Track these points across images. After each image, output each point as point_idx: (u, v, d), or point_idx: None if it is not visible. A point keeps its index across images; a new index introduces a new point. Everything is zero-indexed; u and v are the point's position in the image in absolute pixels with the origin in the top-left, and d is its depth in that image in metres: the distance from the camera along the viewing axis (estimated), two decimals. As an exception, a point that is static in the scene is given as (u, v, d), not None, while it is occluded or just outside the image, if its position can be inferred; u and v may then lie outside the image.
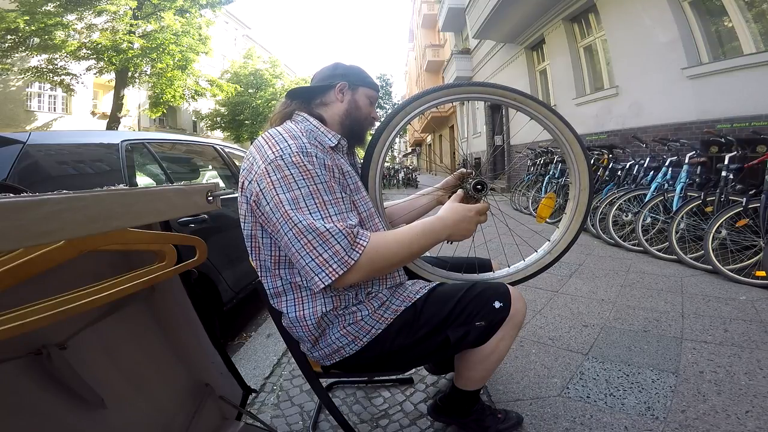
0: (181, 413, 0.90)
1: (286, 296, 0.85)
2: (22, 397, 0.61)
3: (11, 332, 0.50)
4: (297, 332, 0.86)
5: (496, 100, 1.03)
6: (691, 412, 1.17)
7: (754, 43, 3.40)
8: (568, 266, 2.75)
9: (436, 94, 0.99)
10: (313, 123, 0.89)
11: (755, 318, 1.79)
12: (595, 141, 5.05)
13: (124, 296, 0.68)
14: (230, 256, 2.02)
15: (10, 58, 9.72)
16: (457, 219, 0.86)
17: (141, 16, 10.73)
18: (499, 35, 7.95)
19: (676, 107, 4.00)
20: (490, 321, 0.86)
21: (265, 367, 1.57)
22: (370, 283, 0.87)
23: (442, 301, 0.89)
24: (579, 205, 1.07)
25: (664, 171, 3.16)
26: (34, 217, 0.30)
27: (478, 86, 1.02)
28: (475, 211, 0.88)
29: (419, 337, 0.86)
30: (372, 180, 0.98)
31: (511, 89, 1.02)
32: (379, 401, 1.32)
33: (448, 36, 14.89)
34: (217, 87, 13.54)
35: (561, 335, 1.73)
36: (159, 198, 0.42)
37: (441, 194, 1.15)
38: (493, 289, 0.90)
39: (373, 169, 0.98)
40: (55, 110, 13.34)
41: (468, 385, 0.98)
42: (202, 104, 17.37)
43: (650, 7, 4.25)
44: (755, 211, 2.28)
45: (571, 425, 1.15)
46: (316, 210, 0.73)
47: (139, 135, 1.93)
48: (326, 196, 0.75)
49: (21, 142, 1.32)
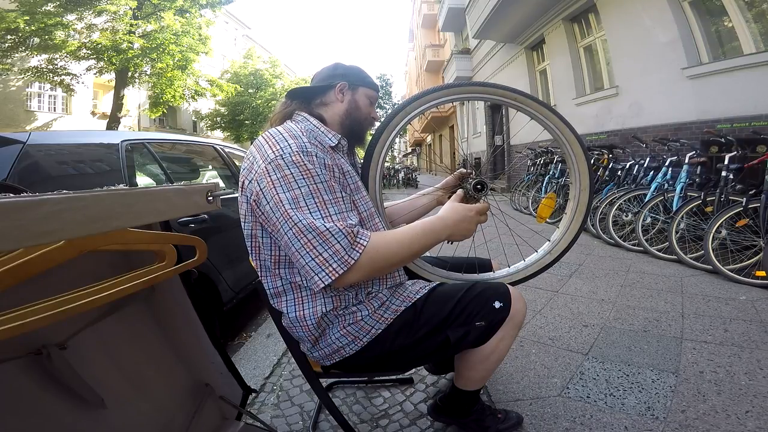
0: (181, 413, 0.90)
1: (286, 296, 0.85)
2: (22, 397, 0.61)
3: (11, 332, 0.50)
4: (297, 332, 0.86)
5: (497, 100, 1.03)
6: (691, 412, 1.17)
7: (754, 43, 3.40)
8: (568, 266, 2.75)
9: (436, 94, 0.99)
10: (314, 123, 0.89)
11: (755, 318, 1.79)
12: (595, 141, 5.05)
13: (124, 296, 0.68)
14: (230, 256, 2.02)
15: (10, 58, 9.71)
16: (457, 219, 0.85)
17: (141, 16, 10.73)
18: (499, 35, 7.95)
19: (676, 107, 4.00)
20: (490, 321, 0.86)
21: (265, 367, 1.57)
22: (370, 283, 0.87)
23: (442, 301, 0.89)
24: (579, 205, 1.07)
25: (664, 171, 3.16)
26: (34, 217, 0.30)
27: (478, 86, 1.02)
28: (476, 211, 0.88)
29: (419, 337, 0.86)
30: (372, 180, 0.98)
31: (511, 89, 1.02)
32: (379, 401, 1.32)
33: (448, 36, 14.89)
34: (217, 87, 13.54)
35: (561, 335, 1.73)
36: (159, 198, 0.42)
37: (441, 194, 1.15)
38: (493, 289, 0.90)
39: (373, 169, 0.98)
40: (55, 110, 13.33)
41: (468, 385, 0.98)
42: (202, 104, 17.37)
43: (650, 7, 4.25)
44: (755, 211, 2.28)
45: (571, 425, 1.15)
46: (316, 209, 0.73)
47: (139, 135, 1.93)
48: (326, 196, 0.75)
49: (21, 142, 1.32)
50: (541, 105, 1.03)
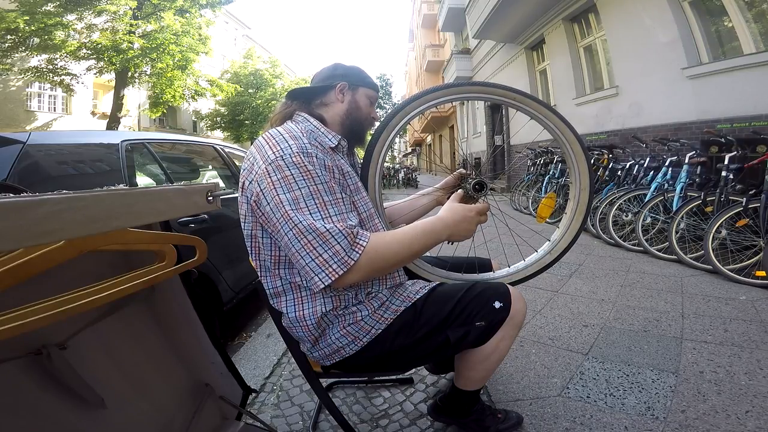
0: (181, 413, 0.90)
1: (286, 296, 0.85)
2: (22, 397, 0.61)
3: (11, 332, 0.50)
4: (297, 332, 0.86)
5: (496, 100, 1.03)
6: (691, 412, 1.17)
7: (754, 43, 3.40)
8: (568, 266, 2.75)
9: (435, 94, 0.99)
10: (314, 123, 0.90)
11: (755, 318, 1.79)
12: (595, 141, 5.05)
13: (124, 296, 0.68)
14: (230, 256, 2.02)
15: (10, 58, 9.72)
16: (457, 219, 0.85)
17: (141, 16, 10.73)
18: (499, 35, 7.96)
19: (676, 107, 4.00)
20: (490, 321, 0.86)
21: (265, 367, 1.57)
22: (370, 283, 0.87)
23: (442, 301, 0.89)
24: (579, 205, 1.07)
25: (664, 171, 3.16)
26: (34, 217, 0.30)
27: (478, 86, 1.02)
28: (476, 211, 0.87)
29: (419, 337, 0.86)
30: (372, 180, 0.98)
31: (511, 89, 1.02)
32: (379, 401, 1.32)
33: (448, 36, 14.89)
34: (217, 87, 13.54)
35: (561, 335, 1.73)
36: (159, 198, 0.42)
37: (441, 194, 1.15)
38: (493, 289, 0.90)
39: (372, 169, 0.98)
40: (55, 110, 13.33)
41: (468, 385, 0.98)
42: (202, 104, 17.37)
43: (650, 7, 4.25)
44: (755, 211, 2.28)
45: (571, 425, 1.15)
46: (317, 210, 0.73)
47: (139, 135, 1.93)
48: (326, 197, 0.75)
49: (21, 142, 1.32)
50: (541, 105, 1.03)
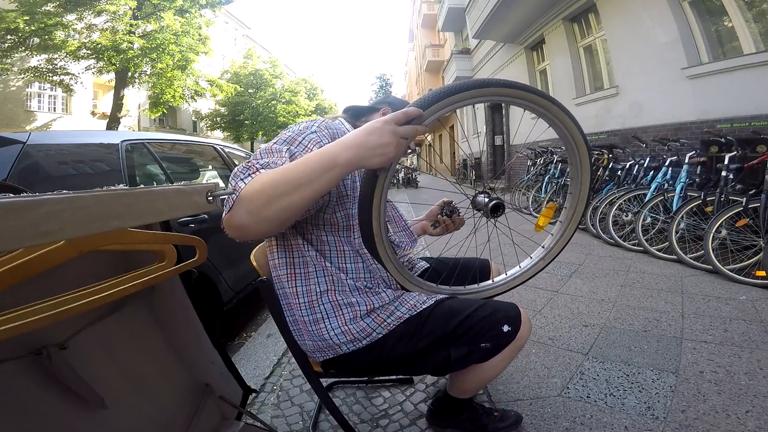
0: (181, 413, 0.90)
1: (284, 270, 0.85)
2: (22, 397, 0.61)
3: (11, 332, 0.50)
4: (291, 313, 0.85)
5: (497, 100, 1.02)
6: (691, 412, 1.17)
7: (754, 43, 3.40)
8: (568, 266, 2.75)
9: (444, 101, 0.73)
10: (345, 126, 0.93)
11: (755, 318, 1.79)
12: (595, 141, 5.05)
13: (124, 296, 0.68)
14: (230, 256, 2.02)
15: (10, 58, 9.71)
16: (359, 134, 0.64)
17: (141, 16, 10.73)
18: (499, 35, 7.96)
19: (676, 107, 4.00)
20: (496, 344, 0.83)
21: (265, 367, 1.57)
22: (360, 269, 0.87)
23: (449, 315, 0.86)
24: (575, 215, 1.04)
25: (664, 171, 3.16)
26: (34, 217, 0.30)
27: (483, 87, 0.79)
28: (384, 121, 0.64)
29: (420, 349, 0.84)
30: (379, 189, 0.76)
31: (515, 86, 0.88)
32: (379, 401, 1.32)
33: (448, 36, 14.90)
34: (217, 87, 13.54)
35: (561, 335, 1.73)
36: (159, 198, 0.42)
37: (425, 224, 1.17)
38: (503, 312, 0.86)
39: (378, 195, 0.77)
40: (55, 110, 13.32)
41: (461, 395, 1.00)
42: (202, 104, 17.37)
43: (650, 7, 4.25)
44: (755, 211, 2.28)
45: (571, 425, 1.15)
46: (266, 155, 0.73)
47: (139, 135, 1.93)
48: (282, 149, 0.74)
49: (21, 142, 1.32)
50: (551, 102, 0.86)
